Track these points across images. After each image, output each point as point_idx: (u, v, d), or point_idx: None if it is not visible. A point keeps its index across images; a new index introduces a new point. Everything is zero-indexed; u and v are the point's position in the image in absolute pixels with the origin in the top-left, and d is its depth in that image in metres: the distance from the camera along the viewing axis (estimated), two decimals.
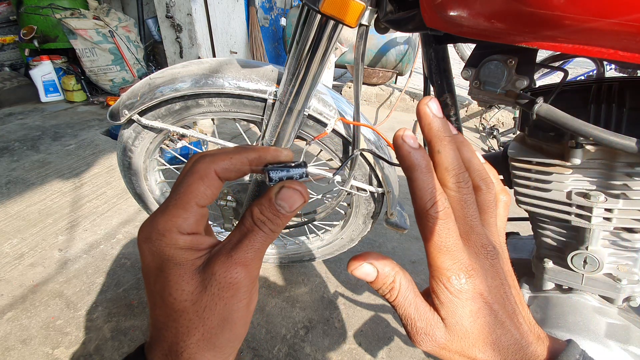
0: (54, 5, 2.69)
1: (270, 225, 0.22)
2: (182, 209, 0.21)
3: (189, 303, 0.21)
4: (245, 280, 0.21)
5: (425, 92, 0.73)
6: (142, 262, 0.22)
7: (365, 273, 0.23)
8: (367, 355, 1.00)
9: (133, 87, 0.82)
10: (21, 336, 0.98)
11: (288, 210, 0.23)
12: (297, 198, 0.23)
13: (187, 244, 0.21)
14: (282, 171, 0.24)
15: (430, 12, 0.40)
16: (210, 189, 0.22)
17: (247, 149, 0.24)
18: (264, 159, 0.24)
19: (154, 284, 0.21)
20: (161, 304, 0.21)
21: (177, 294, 0.21)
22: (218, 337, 0.21)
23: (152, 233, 0.21)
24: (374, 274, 0.23)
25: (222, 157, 0.23)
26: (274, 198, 0.22)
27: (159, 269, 0.21)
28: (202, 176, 0.22)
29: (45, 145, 2.07)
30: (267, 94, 0.76)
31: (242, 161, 0.23)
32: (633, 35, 0.29)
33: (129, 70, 2.98)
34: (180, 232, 0.21)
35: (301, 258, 1.19)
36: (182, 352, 0.21)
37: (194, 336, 0.21)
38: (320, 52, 0.59)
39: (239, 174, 0.24)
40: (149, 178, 1.00)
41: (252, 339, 1.02)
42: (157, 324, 0.22)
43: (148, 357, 0.22)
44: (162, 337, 0.21)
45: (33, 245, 1.29)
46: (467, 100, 2.86)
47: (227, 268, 0.21)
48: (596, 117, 0.47)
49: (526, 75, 0.44)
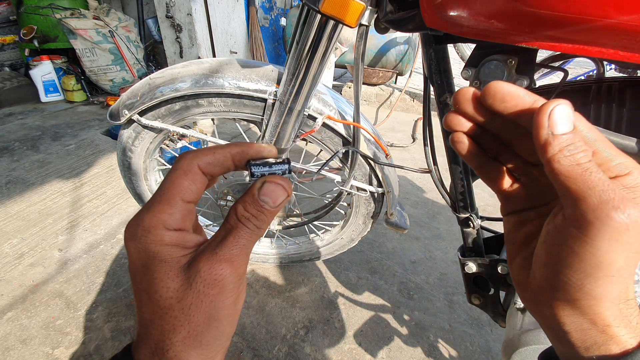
0: (54, 5, 2.69)
1: (254, 222, 0.22)
2: (167, 204, 0.21)
3: (175, 300, 0.20)
4: (230, 277, 0.21)
5: (425, 92, 0.73)
6: (129, 260, 0.22)
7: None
8: (367, 355, 1.00)
9: (133, 87, 0.83)
10: (21, 336, 0.98)
11: (272, 205, 0.22)
12: (280, 192, 0.23)
13: (172, 241, 0.21)
14: (265, 167, 0.24)
15: (430, 12, 0.40)
16: (195, 183, 0.22)
17: (231, 144, 0.24)
18: (247, 154, 0.24)
19: (140, 282, 0.21)
20: (147, 302, 0.21)
21: (163, 291, 0.20)
22: (204, 335, 0.21)
23: (138, 230, 0.21)
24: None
25: (205, 152, 0.23)
26: (256, 193, 0.22)
27: (145, 266, 0.21)
28: (185, 171, 0.22)
29: (45, 145, 2.07)
30: (267, 94, 0.76)
31: (225, 156, 0.23)
32: (633, 35, 0.29)
33: (129, 70, 2.98)
34: (166, 227, 0.21)
35: (301, 258, 1.19)
36: (167, 350, 0.20)
37: (180, 334, 0.20)
38: (320, 52, 0.59)
39: (223, 169, 0.24)
40: (149, 178, 1.00)
41: (252, 339, 1.02)
42: (143, 321, 0.21)
43: (135, 355, 0.21)
44: (149, 335, 0.21)
45: (33, 245, 1.29)
46: None
47: (212, 265, 0.21)
48: (596, 117, 0.47)
49: (526, 75, 0.44)
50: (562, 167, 0.19)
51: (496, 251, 0.70)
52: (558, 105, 0.19)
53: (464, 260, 0.69)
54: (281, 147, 0.78)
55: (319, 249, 1.14)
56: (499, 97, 0.22)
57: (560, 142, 0.19)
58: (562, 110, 0.19)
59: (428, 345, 1.03)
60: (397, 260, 1.35)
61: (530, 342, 0.51)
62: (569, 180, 0.19)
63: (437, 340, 1.05)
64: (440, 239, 1.48)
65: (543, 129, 0.19)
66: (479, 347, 1.04)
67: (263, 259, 1.23)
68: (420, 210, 1.66)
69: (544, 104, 0.20)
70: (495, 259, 0.66)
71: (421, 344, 1.04)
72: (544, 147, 0.19)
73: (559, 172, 0.19)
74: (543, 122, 0.19)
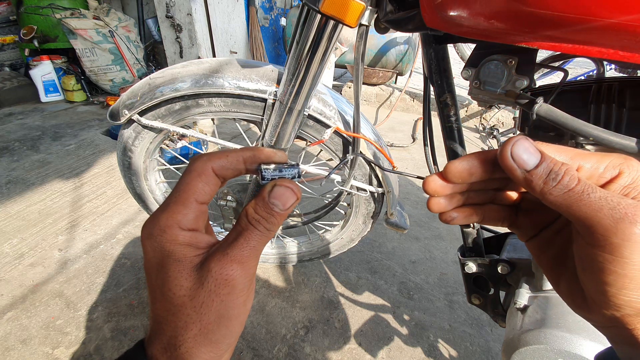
0: (54, 5, 2.69)
1: (265, 224, 0.23)
2: (182, 205, 0.22)
3: (187, 298, 0.21)
4: (241, 278, 0.22)
5: (425, 92, 0.73)
6: (145, 258, 0.23)
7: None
8: (367, 355, 1.00)
9: (133, 87, 0.82)
10: (21, 336, 0.98)
11: (282, 208, 0.23)
12: (289, 196, 0.23)
13: (186, 240, 0.22)
14: (275, 171, 0.24)
15: (430, 12, 0.40)
16: (208, 185, 0.23)
17: (244, 148, 0.25)
18: (258, 158, 0.25)
19: (155, 279, 0.22)
20: (161, 299, 0.22)
21: (176, 289, 0.21)
22: (214, 333, 0.22)
23: (154, 229, 0.22)
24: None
25: (219, 155, 0.24)
26: (267, 197, 0.23)
27: (160, 264, 0.22)
28: (199, 173, 0.23)
29: (45, 145, 2.07)
30: (267, 94, 0.76)
31: (238, 159, 0.24)
32: (633, 35, 0.29)
33: (129, 70, 2.98)
34: (180, 227, 0.22)
35: (301, 258, 1.19)
36: (179, 346, 0.21)
37: (192, 331, 0.21)
38: (320, 52, 0.59)
39: (235, 172, 0.24)
40: (149, 178, 1.00)
41: (252, 339, 1.02)
42: (157, 317, 0.22)
43: (148, 350, 0.22)
44: (162, 331, 0.22)
45: (33, 245, 1.29)
46: (467, 100, 2.86)
47: (223, 265, 0.21)
48: (596, 117, 0.47)
49: (526, 75, 0.44)
50: (557, 198, 0.19)
51: (496, 251, 0.70)
52: (515, 143, 0.20)
53: (464, 260, 0.69)
54: (281, 147, 0.78)
55: (319, 249, 1.14)
56: (459, 176, 0.23)
57: (539, 175, 0.19)
58: (521, 146, 0.20)
59: (428, 345, 1.03)
60: (397, 260, 1.35)
61: (530, 342, 0.51)
62: (572, 208, 0.19)
63: (437, 340, 1.05)
64: (440, 239, 1.48)
65: (516, 171, 0.20)
66: (479, 347, 1.04)
67: (263, 259, 1.23)
68: (420, 210, 1.66)
69: (502, 148, 0.20)
70: (495, 259, 0.66)
71: (421, 344, 1.04)
72: (528, 186, 0.20)
73: (557, 203, 0.19)
74: (511, 166, 0.20)
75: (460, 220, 0.26)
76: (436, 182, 0.24)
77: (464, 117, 2.87)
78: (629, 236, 0.17)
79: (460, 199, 0.25)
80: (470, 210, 0.26)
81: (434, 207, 0.25)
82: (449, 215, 0.26)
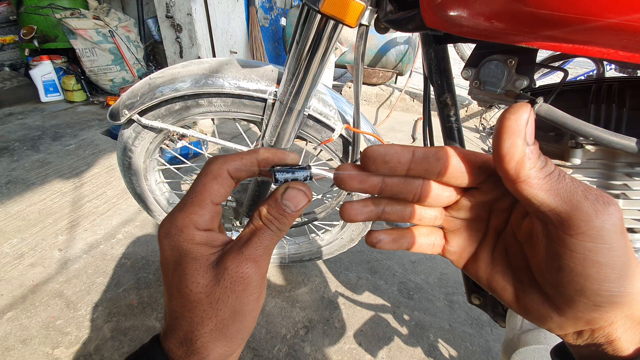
0: (54, 5, 2.69)
1: (276, 224, 0.24)
2: (199, 206, 0.23)
3: (204, 295, 0.22)
4: (255, 275, 0.23)
5: (425, 92, 0.73)
6: (162, 256, 0.24)
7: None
8: (367, 355, 1.00)
9: (133, 87, 0.82)
10: (21, 336, 0.98)
11: (293, 209, 0.24)
12: (301, 198, 0.24)
13: (202, 240, 0.23)
14: (288, 173, 0.25)
15: (430, 12, 0.40)
16: (224, 187, 0.24)
17: (257, 150, 0.26)
18: (272, 160, 0.26)
19: (172, 277, 0.23)
20: (177, 295, 0.23)
21: (193, 286, 0.22)
22: (229, 328, 0.23)
23: (172, 229, 0.23)
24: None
25: (234, 157, 0.25)
26: (279, 198, 0.24)
27: (177, 262, 0.23)
28: (215, 175, 0.24)
29: (45, 145, 2.07)
30: (267, 94, 0.76)
31: (252, 161, 0.25)
32: (633, 35, 0.29)
33: (129, 70, 2.98)
34: (197, 227, 0.23)
35: (301, 258, 1.19)
36: (196, 340, 0.22)
37: (207, 326, 0.22)
38: (320, 52, 0.59)
39: (249, 173, 0.25)
40: (149, 178, 1.00)
41: (252, 339, 1.02)
42: (173, 313, 0.23)
43: (164, 345, 0.23)
44: (178, 326, 0.23)
45: (33, 245, 1.29)
46: (467, 100, 2.86)
47: (239, 263, 0.23)
48: (596, 117, 0.47)
49: (526, 75, 0.44)
50: (539, 182, 0.18)
51: None
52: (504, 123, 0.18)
53: None
54: (281, 147, 0.78)
55: (319, 249, 1.14)
56: (380, 161, 0.23)
57: (534, 159, 0.18)
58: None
59: (428, 345, 1.03)
60: (397, 260, 1.35)
61: (530, 342, 0.51)
62: (549, 193, 0.18)
63: (437, 340, 1.05)
64: None
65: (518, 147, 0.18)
66: (479, 347, 1.04)
67: None
68: None
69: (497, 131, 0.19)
70: None
71: (421, 344, 1.04)
72: (521, 166, 0.18)
73: (535, 190, 0.18)
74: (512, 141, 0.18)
75: (389, 244, 0.26)
76: (348, 167, 0.24)
77: (464, 117, 2.87)
78: (608, 216, 0.17)
79: (375, 211, 0.26)
80: (398, 232, 0.26)
81: (349, 212, 0.25)
82: (375, 237, 0.26)
